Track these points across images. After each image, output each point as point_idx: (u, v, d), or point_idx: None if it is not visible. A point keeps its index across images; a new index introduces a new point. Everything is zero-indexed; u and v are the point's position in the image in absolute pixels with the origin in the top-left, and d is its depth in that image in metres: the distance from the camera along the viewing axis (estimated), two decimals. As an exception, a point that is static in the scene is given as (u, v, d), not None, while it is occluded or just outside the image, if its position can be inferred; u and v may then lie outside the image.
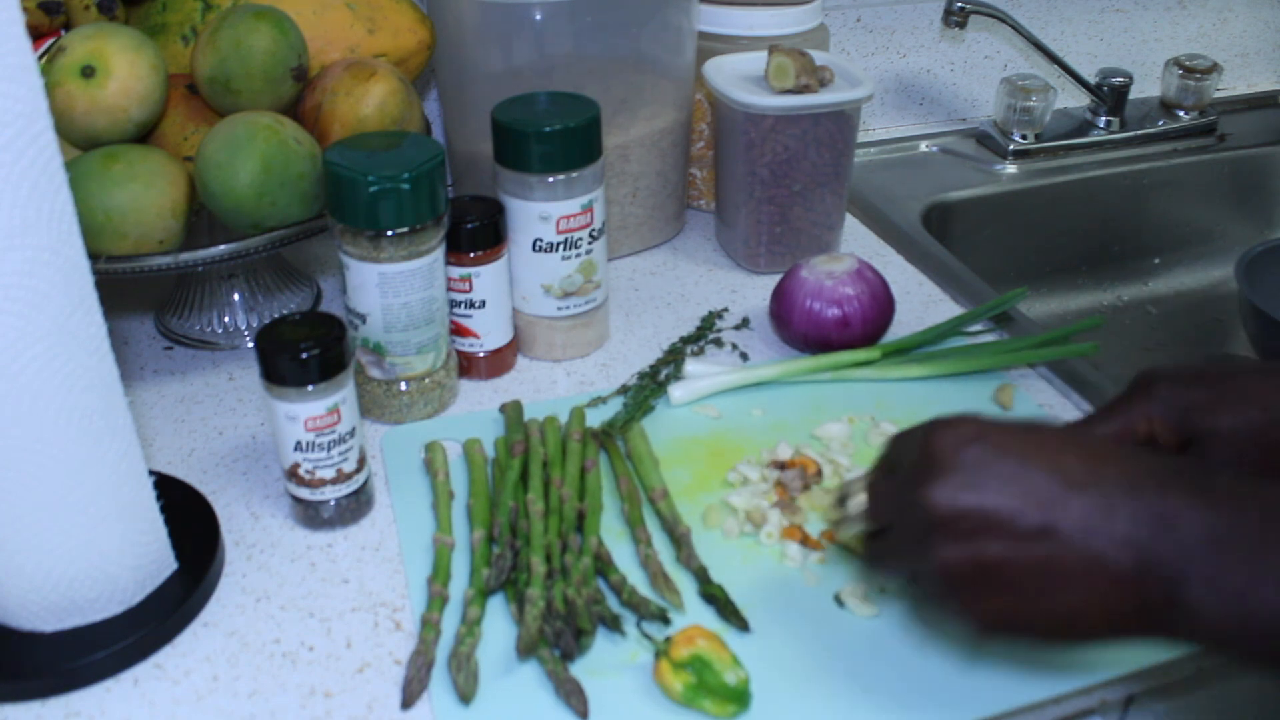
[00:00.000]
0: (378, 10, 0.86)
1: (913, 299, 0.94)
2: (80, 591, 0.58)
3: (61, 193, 0.51)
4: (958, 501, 0.47)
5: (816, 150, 0.92)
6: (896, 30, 1.23)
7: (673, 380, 0.80)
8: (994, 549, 0.47)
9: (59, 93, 0.72)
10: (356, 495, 0.69)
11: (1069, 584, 0.46)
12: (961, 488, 0.48)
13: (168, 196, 0.75)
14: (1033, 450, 0.48)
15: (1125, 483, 0.46)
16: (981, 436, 0.48)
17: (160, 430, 0.78)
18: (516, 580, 0.62)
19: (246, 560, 0.67)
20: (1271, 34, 1.42)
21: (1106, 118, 1.26)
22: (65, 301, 0.52)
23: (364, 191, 0.70)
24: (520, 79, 0.90)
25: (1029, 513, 0.47)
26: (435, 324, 0.76)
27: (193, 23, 0.84)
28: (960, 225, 1.16)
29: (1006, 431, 0.49)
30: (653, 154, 0.97)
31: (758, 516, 0.68)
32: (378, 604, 0.64)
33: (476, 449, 0.73)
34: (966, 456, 0.48)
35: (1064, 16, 1.30)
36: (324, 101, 0.80)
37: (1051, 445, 0.48)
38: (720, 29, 1.00)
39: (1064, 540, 0.46)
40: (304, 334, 0.64)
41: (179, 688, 0.58)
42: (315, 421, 0.65)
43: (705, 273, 0.98)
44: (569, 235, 0.80)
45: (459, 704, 0.56)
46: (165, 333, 0.89)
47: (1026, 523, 0.46)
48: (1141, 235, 1.27)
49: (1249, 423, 0.58)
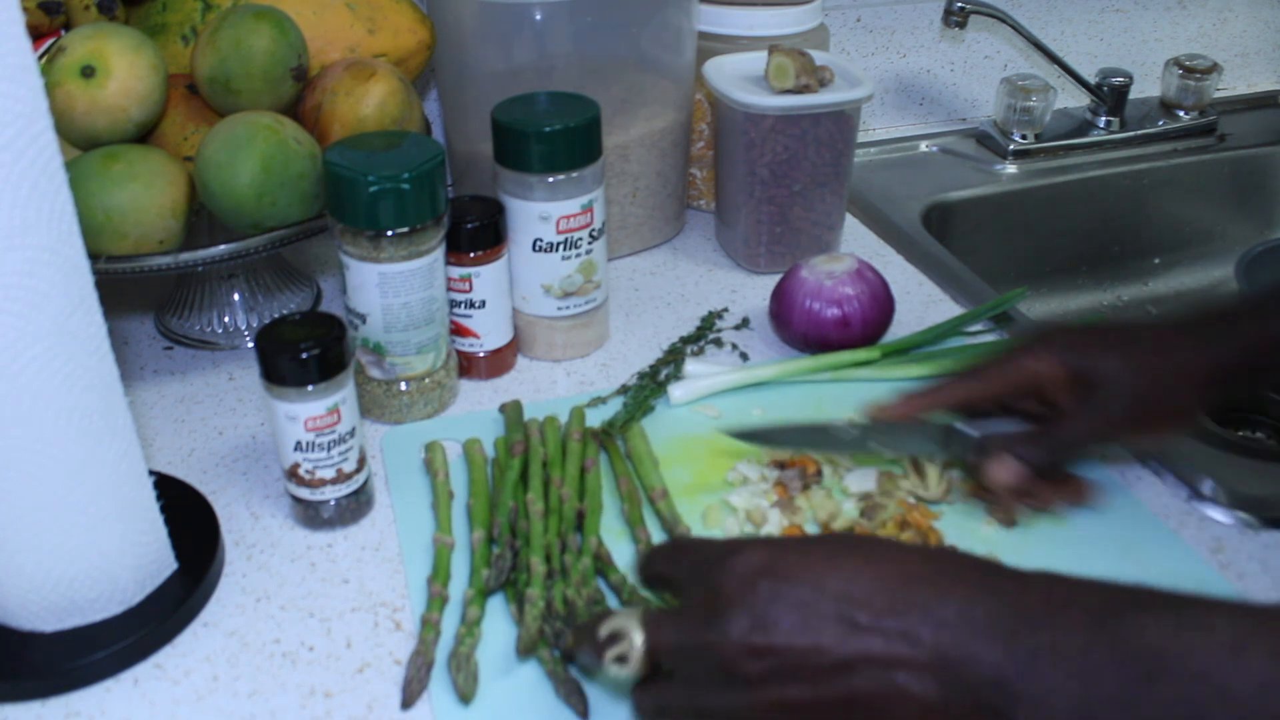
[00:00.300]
0: (378, 10, 0.86)
1: (913, 299, 0.94)
2: (80, 591, 0.58)
3: (61, 193, 0.51)
4: (750, 641, 0.44)
5: (816, 150, 0.92)
6: (896, 30, 1.23)
7: (673, 380, 0.80)
8: (793, 692, 0.44)
9: (59, 93, 0.72)
10: (356, 495, 0.69)
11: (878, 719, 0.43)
12: (753, 628, 0.44)
13: (168, 196, 0.75)
14: (826, 575, 0.45)
15: (926, 603, 0.43)
16: (771, 567, 0.45)
17: (160, 430, 0.78)
18: (516, 580, 0.62)
19: (246, 560, 0.67)
20: (1271, 34, 1.42)
21: (1106, 118, 1.26)
22: (65, 301, 0.52)
23: (364, 191, 0.70)
24: (520, 79, 0.90)
25: (826, 648, 0.43)
26: (435, 324, 0.76)
27: (193, 23, 0.84)
28: (960, 225, 1.16)
29: (800, 554, 0.46)
30: (653, 154, 0.97)
31: (758, 516, 0.68)
32: (378, 604, 0.64)
33: (476, 449, 0.73)
34: (757, 591, 0.45)
35: (1064, 16, 1.30)
36: (324, 101, 0.80)
37: (847, 566, 0.45)
38: (720, 29, 1.00)
39: (865, 674, 0.43)
40: (304, 334, 0.64)
41: (179, 688, 0.58)
42: (315, 421, 0.65)
43: (705, 273, 0.98)
44: (569, 235, 0.80)
45: (459, 704, 0.56)
46: (165, 333, 0.89)
47: (825, 660, 0.44)
48: (1141, 235, 1.27)
49: (1137, 357, 0.61)
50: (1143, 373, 0.61)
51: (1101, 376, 0.61)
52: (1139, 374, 0.61)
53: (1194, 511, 0.70)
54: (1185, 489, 0.71)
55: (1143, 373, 0.61)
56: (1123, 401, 0.61)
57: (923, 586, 0.44)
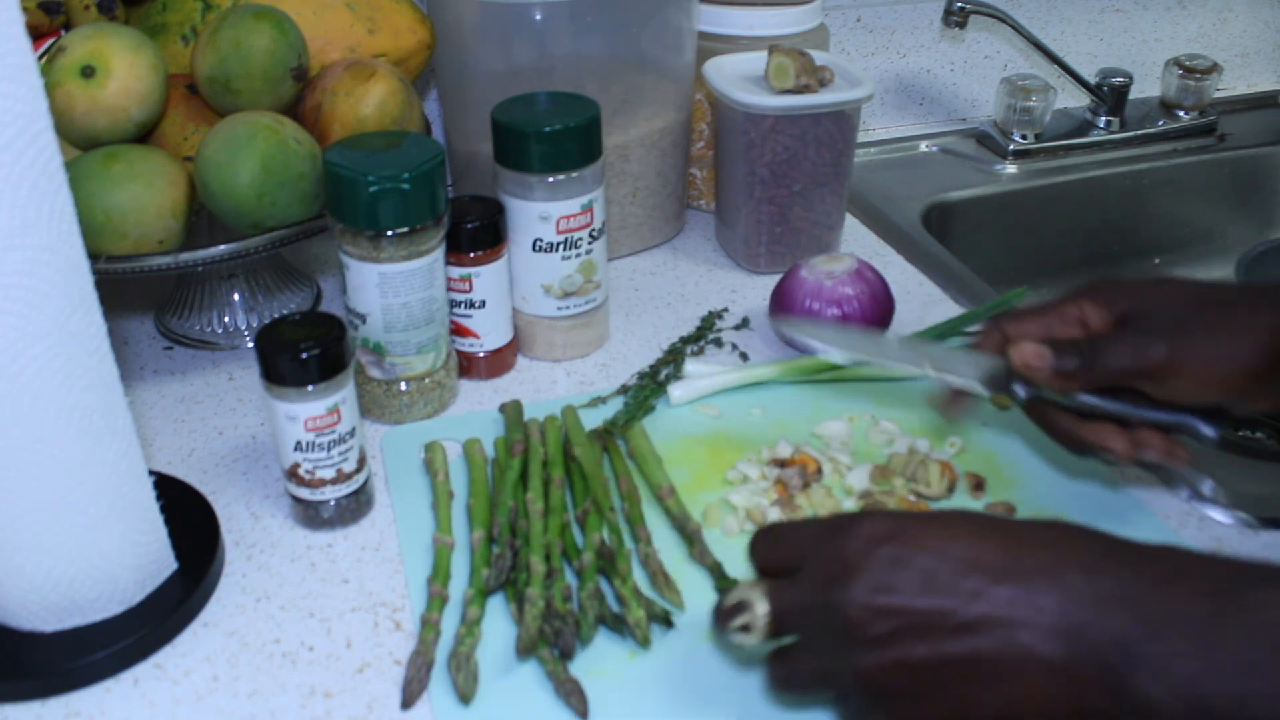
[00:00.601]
0: (378, 10, 0.86)
1: (913, 299, 0.94)
2: (80, 591, 0.58)
3: (61, 193, 0.51)
4: (874, 603, 0.45)
5: (816, 150, 0.92)
6: (896, 30, 1.23)
7: (673, 380, 0.80)
8: (918, 651, 0.45)
9: (59, 93, 0.72)
10: (356, 495, 0.69)
11: (1000, 681, 0.44)
12: (877, 590, 0.45)
13: (168, 196, 0.75)
14: (949, 543, 0.46)
15: (1048, 569, 0.44)
16: (894, 534, 0.46)
17: (160, 430, 0.78)
18: (516, 580, 0.62)
19: (246, 560, 0.67)
20: (1271, 34, 1.42)
21: (1106, 118, 1.26)
22: (65, 301, 0.52)
23: (364, 191, 0.70)
24: (520, 79, 0.90)
25: (950, 610, 0.44)
26: (435, 324, 0.76)
27: (193, 23, 0.84)
28: (960, 225, 1.16)
29: (919, 524, 0.47)
30: (653, 154, 0.97)
31: (758, 514, 0.68)
32: (378, 604, 0.64)
33: (476, 449, 0.73)
34: (880, 555, 0.46)
35: (1064, 16, 1.30)
36: (324, 101, 0.80)
37: (967, 535, 0.46)
38: (720, 29, 1.00)
39: (989, 635, 0.44)
40: (304, 334, 0.64)
41: (179, 688, 0.58)
42: (315, 421, 0.65)
43: (705, 273, 0.98)
44: (569, 235, 0.80)
45: (459, 704, 0.56)
46: (165, 333, 0.89)
47: (948, 621, 0.44)
48: (1141, 235, 1.27)
49: (1183, 291, 0.58)
50: (1187, 304, 0.58)
51: (1142, 305, 0.59)
52: (1183, 305, 0.58)
53: (1194, 511, 0.70)
54: (1185, 489, 0.71)
55: (1187, 304, 0.58)
56: (1163, 325, 0.57)
57: (1045, 551, 0.45)
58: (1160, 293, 0.59)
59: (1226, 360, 0.56)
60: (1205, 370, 0.56)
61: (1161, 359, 0.56)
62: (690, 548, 0.65)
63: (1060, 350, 0.58)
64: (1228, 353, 0.56)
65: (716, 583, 0.63)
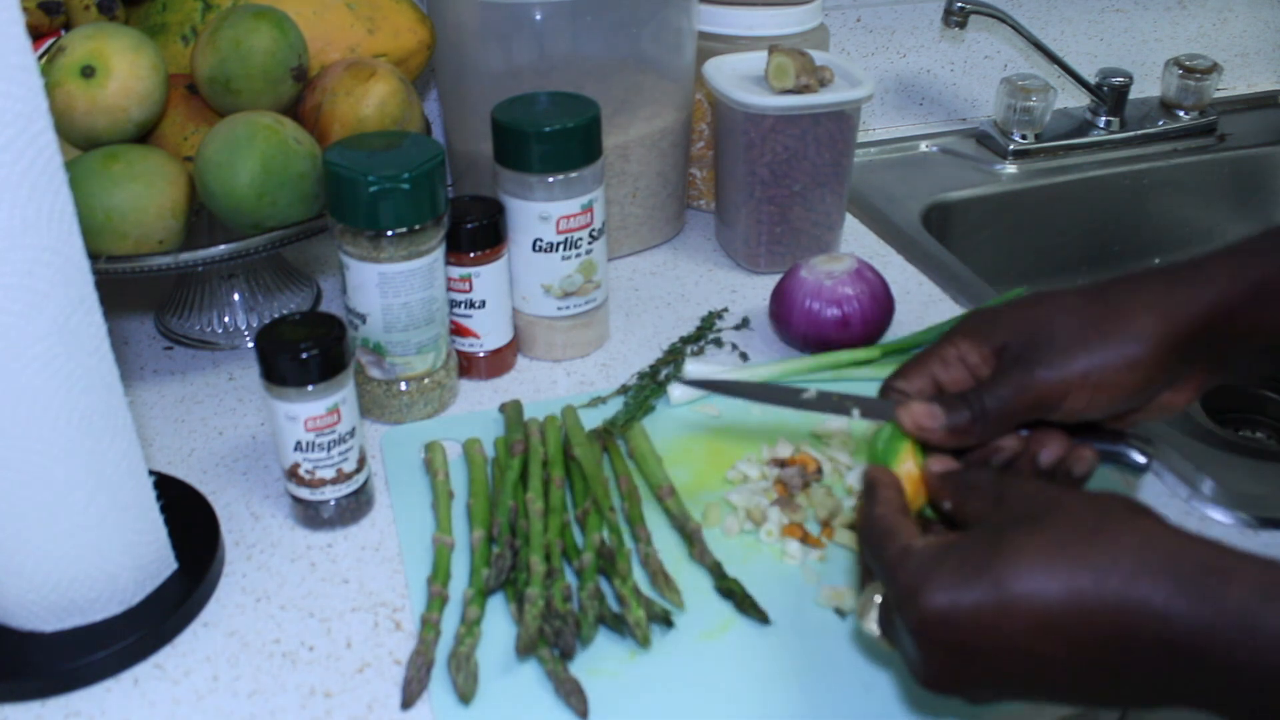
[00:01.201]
0: (378, 10, 0.86)
1: (913, 299, 0.94)
2: (80, 591, 0.58)
3: (61, 193, 0.51)
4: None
5: (816, 150, 0.92)
6: (896, 30, 1.23)
7: (673, 380, 0.80)
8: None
9: (59, 93, 0.72)
10: (356, 495, 0.69)
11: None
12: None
13: (168, 196, 0.75)
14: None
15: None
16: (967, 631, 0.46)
17: (160, 430, 0.78)
18: (516, 580, 0.62)
19: (246, 560, 0.67)
20: (1271, 34, 1.42)
21: (1106, 118, 1.26)
22: (65, 301, 0.52)
23: (364, 191, 0.70)
24: (520, 79, 0.90)
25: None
26: (435, 324, 0.76)
27: (193, 23, 0.84)
28: (960, 225, 1.16)
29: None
30: (653, 154, 0.97)
31: (758, 514, 0.68)
32: (378, 604, 0.64)
33: (476, 449, 0.73)
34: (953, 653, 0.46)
35: (1064, 16, 1.30)
36: (324, 101, 0.80)
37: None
38: (720, 29, 1.00)
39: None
40: (304, 334, 0.64)
41: (179, 688, 0.58)
42: (315, 421, 0.65)
43: (705, 273, 0.98)
44: (569, 235, 0.80)
45: (459, 704, 0.56)
46: (165, 333, 0.89)
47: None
48: (1141, 235, 1.27)
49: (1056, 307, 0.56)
50: (1058, 323, 0.55)
51: (1015, 334, 0.56)
52: (1055, 325, 0.55)
53: (1194, 511, 0.70)
54: (1185, 489, 0.71)
55: (1058, 323, 0.55)
56: (1039, 351, 0.54)
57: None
58: (1032, 316, 0.56)
59: (1111, 366, 0.54)
60: (1094, 380, 0.54)
61: (1045, 386, 0.54)
62: (690, 547, 0.65)
63: (949, 406, 0.56)
64: (1108, 358, 0.54)
65: (716, 582, 0.63)
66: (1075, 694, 0.46)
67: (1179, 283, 0.55)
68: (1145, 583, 0.43)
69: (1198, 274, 0.55)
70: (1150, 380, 0.54)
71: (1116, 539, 0.45)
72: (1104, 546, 0.44)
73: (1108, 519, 0.46)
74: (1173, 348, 0.54)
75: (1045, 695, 0.47)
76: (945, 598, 0.45)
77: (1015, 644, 0.45)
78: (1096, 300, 0.56)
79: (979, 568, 0.45)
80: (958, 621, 0.45)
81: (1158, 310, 0.54)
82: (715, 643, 0.60)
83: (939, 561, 0.46)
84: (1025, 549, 0.45)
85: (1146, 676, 0.44)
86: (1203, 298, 0.54)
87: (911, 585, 0.46)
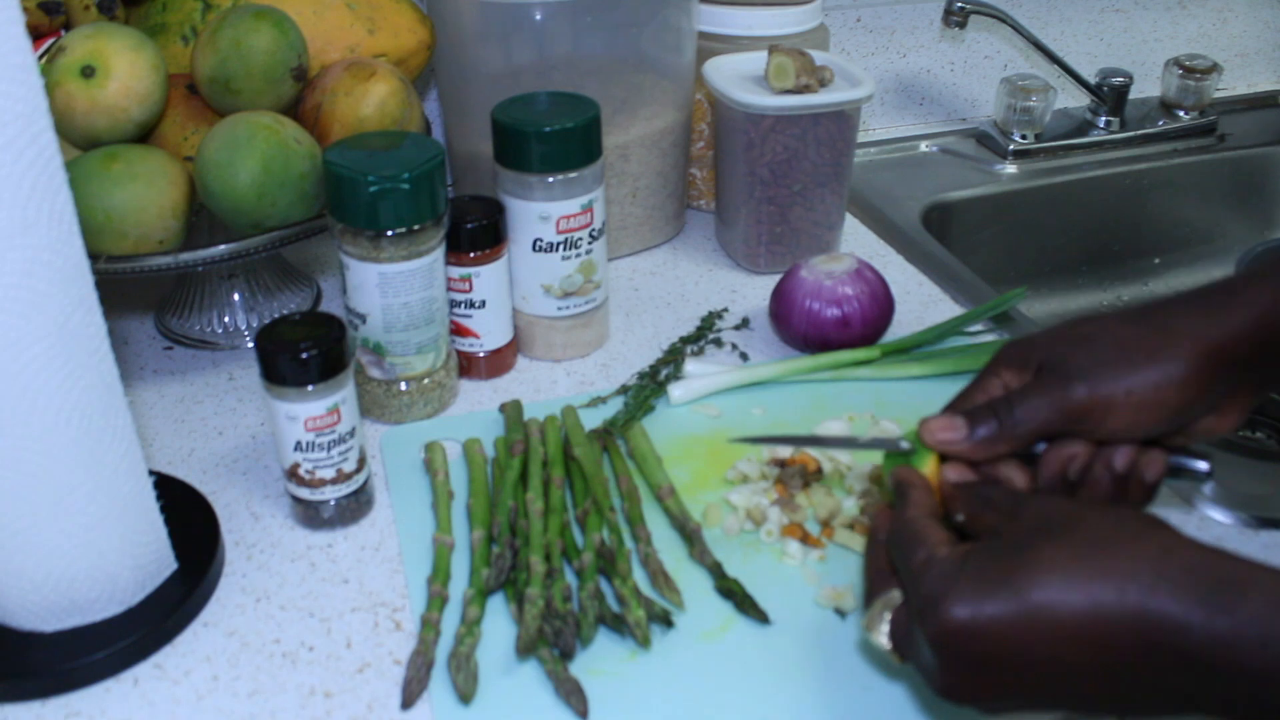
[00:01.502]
0: (378, 10, 0.86)
1: (913, 299, 0.94)
2: (80, 591, 0.58)
3: (61, 193, 0.51)
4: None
5: (816, 150, 0.92)
6: (896, 30, 1.23)
7: (673, 380, 0.80)
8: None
9: (59, 93, 0.72)
10: (356, 495, 0.69)
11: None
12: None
13: (168, 196, 0.75)
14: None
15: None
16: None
17: (160, 430, 0.78)
18: (516, 580, 0.62)
19: (246, 560, 0.67)
20: (1271, 34, 1.42)
21: (1106, 118, 1.26)
22: (65, 301, 0.52)
23: (364, 191, 0.70)
24: (520, 79, 0.90)
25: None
26: (435, 324, 0.76)
27: (193, 23, 0.84)
28: (960, 225, 1.16)
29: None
30: (653, 154, 0.97)
31: (757, 514, 0.68)
32: (378, 604, 0.64)
33: (476, 449, 0.73)
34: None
35: (1064, 16, 1.30)
36: (324, 101, 0.80)
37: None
38: (720, 29, 1.00)
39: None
40: (304, 334, 0.64)
41: (179, 688, 0.58)
42: (315, 421, 0.65)
43: (705, 273, 0.98)
44: (569, 235, 0.80)
45: (459, 704, 0.56)
46: (165, 333, 0.89)
47: None
48: (1141, 235, 1.27)
49: (1090, 330, 0.56)
50: (1099, 342, 0.55)
51: (1053, 354, 0.56)
52: (1095, 343, 0.55)
53: (1194, 511, 0.70)
54: (1185, 489, 0.71)
55: (1099, 342, 0.55)
56: (1078, 367, 0.54)
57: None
58: (1071, 334, 0.56)
59: (1154, 384, 0.53)
60: (1136, 399, 0.53)
61: (1082, 399, 0.54)
62: (690, 547, 0.65)
63: (975, 417, 0.55)
64: (1152, 376, 0.53)
65: (716, 582, 0.63)
66: (1093, 704, 0.46)
67: (1221, 304, 0.55)
68: (1164, 594, 0.43)
69: (1239, 295, 0.55)
70: (1193, 401, 0.54)
71: (1135, 551, 0.45)
72: (1123, 558, 0.44)
73: (1125, 531, 0.46)
74: (1217, 368, 0.54)
75: (1063, 705, 0.47)
76: (966, 609, 0.45)
77: (1035, 654, 0.45)
78: (1139, 321, 0.56)
79: (1000, 579, 0.45)
80: (978, 632, 0.45)
81: (1201, 330, 0.54)
82: (715, 643, 0.60)
83: (959, 571, 0.47)
84: (1045, 560, 0.45)
85: (1165, 687, 0.44)
86: (1247, 318, 0.54)
87: (932, 595, 0.46)
